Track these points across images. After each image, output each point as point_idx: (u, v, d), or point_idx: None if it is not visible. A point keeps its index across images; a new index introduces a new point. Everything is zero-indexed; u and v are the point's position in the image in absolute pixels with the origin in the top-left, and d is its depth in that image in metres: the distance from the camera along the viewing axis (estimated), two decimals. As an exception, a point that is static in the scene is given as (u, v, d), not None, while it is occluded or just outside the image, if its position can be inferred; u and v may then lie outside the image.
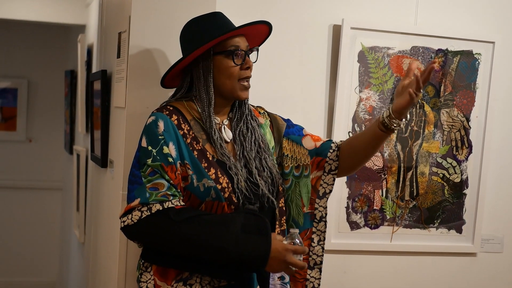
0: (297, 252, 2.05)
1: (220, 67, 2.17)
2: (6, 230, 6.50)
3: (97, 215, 3.31)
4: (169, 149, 2.08)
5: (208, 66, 2.17)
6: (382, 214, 3.03)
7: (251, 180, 2.17)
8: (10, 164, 6.51)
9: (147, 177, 2.06)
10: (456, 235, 3.14)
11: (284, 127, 2.39)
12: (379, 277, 3.09)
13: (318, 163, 2.35)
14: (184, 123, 2.15)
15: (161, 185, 2.05)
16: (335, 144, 2.36)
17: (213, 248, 2.01)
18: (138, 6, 2.48)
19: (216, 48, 2.16)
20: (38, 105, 6.54)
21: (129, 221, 2.05)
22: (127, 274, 2.53)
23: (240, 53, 2.17)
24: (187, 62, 2.20)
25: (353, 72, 2.94)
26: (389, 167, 3.02)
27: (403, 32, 2.98)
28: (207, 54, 2.17)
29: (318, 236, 2.34)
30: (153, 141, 2.09)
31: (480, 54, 3.09)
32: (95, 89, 3.25)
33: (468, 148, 3.11)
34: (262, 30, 2.29)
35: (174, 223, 2.01)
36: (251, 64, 2.21)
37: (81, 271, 4.09)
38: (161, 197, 2.04)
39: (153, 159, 2.07)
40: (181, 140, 2.12)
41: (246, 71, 2.19)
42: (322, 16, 2.92)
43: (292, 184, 2.36)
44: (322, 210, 2.34)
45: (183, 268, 2.10)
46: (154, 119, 2.12)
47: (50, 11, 5.27)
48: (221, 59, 2.17)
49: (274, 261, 2.02)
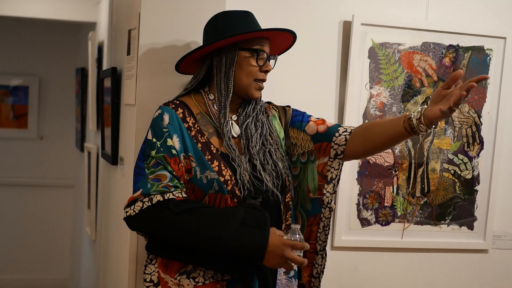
0: (295, 247, 2.04)
1: (242, 63, 2.20)
2: (18, 228, 6.53)
3: (108, 213, 3.32)
4: (173, 141, 2.12)
5: (232, 59, 2.19)
6: (393, 211, 3.02)
7: (254, 174, 2.18)
8: (22, 162, 6.53)
9: (150, 168, 2.10)
10: (467, 232, 3.13)
11: (290, 116, 2.40)
12: (390, 274, 3.09)
13: (324, 148, 2.33)
14: (189, 116, 2.18)
15: (164, 176, 2.09)
16: (344, 128, 2.33)
17: (210, 240, 2.02)
18: (148, 4, 2.49)
19: (243, 44, 2.19)
20: (49, 102, 6.56)
21: (131, 211, 2.09)
22: (137, 271, 2.54)
23: (263, 55, 2.21)
24: (209, 50, 2.22)
25: (364, 68, 2.93)
26: (400, 163, 3.01)
27: (413, 28, 2.97)
28: (233, 47, 2.19)
29: (323, 222, 2.34)
30: (157, 133, 2.13)
31: (492, 50, 3.07)
32: (106, 86, 3.25)
33: (479, 144, 3.10)
34: (287, 39, 2.33)
35: (173, 214, 2.04)
36: (270, 68, 2.24)
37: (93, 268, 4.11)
38: (162, 188, 2.07)
39: (156, 151, 2.11)
40: (186, 132, 2.15)
41: (263, 74, 2.23)
42: (332, 13, 2.92)
43: (300, 171, 2.37)
44: (329, 196, 2.33)
45: (186, 261, 2.12)
46: (160, 113, 2.17)
47: (61, 9, 5.29)
48: (245, 55, 2.20)
49: (271, 255, 2.02)
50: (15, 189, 6.51)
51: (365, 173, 2.97)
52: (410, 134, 2.12)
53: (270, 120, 2.35)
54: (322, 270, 2.36)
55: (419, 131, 2.09)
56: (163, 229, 2.07)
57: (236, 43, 2.19)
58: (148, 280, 2.16)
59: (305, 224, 2.37)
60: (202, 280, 2.12)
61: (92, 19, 4.98)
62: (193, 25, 2.49)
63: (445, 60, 3.01)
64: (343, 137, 2.30)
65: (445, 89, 2.03)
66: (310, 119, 2.38)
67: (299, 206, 2.39)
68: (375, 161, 2.97)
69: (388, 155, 2.99)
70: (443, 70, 3.01)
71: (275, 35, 2.27)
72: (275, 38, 2.28)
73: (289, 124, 2.39)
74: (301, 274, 2.37)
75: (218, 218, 2.05)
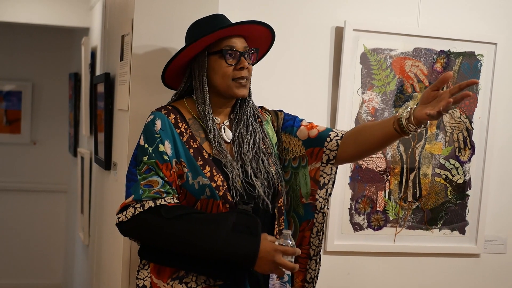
0: (287, 253, 2.05)
1: (214, 66, 2.19)
2: (11, 233, 6.51)
3: (101, 217, 3.32)
4: (165, 147, 2.12)
5: (202, 66, 2.20)
6: (385, 216, 3.03)
7: (246, 180, 2.18)
8: (15, 167, 6.52)
9: (142, 174, 2.10)
10: (459, 236, 3.14)
11: (282, 121, 2.40)
12: (382, 278, 3.09)
13: (317, 154, 2.33)
14: (181, 121, 2.18)
15: (155, 182, 2.09)
16: (335, 132, 2.32)
17: (202, 246, 2.03)
18: (141, 10, 2.49)
19: (211, 48, 2.19)
20: (42, 107, 6.56)
21: (123, 217, 2.09)
22: (130, 276, 2.54)
23: (233, 53, 2.19)
24: (184, 61, 2.23)
25: (356, 73, 2.94)
26: (392, 168, 3.02)
27: (405, 34, 2.98)
28: (202, 55, 2.20)
29: (316, 227, 2.34)
30: (149, 139, 2.13)
31: (483, 55, 3.09)
32: (99, 91, 3.26)
33: (470, 149, 3.12)
34: (261, 32, 2.30)
35: (165, 220, 2.04)
36: (246, 64, 2.20)
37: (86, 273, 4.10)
38: (154, 194, 2.07)
39: (148, 157, 2.11)
40: (178, 138, 2.15)
41: (240, 72, 2.20)
42: (324, 18, 2.93)
43: (292, 176, 2.37)
44: (322, 201, 2.33)
45: (178, 266, 2.12)
46: (152, 118, 2.17)
47: (54, 14, 5.29)
48: (215, 59, 2.19)
49: (262, 261, 2.03)
50: (8, 194, 6.50)
51: (357, 178, 2.98)
52: (400, 134, 2.12)
53: (263, 126, 2.35)
54: (317, 275, 2.36)
55: (409, 131, 2.09)
56: (154, 235, 2.07)
57: (204, 50, 2.19)
58: (141, 286, 2.16)
59: (297, 229, 2.37)
60: (195, 286, 2.12)
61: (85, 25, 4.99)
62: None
63: (437, 65, 3.03)
64: (334, 142, 2.30)
65: (434, 91, 2.03)
66: (302, 124, 2.38)
67: (291, 211, 2.39)
68: (367, 166, 2.98)
69: (380, 160, 3.00)
70: (435, 75, 3.02)
71: (246, 32, 2.24)
72: (249, 34, 2.26)
73: (281, 129, 2.39)
74: (293, 279, 2.38)
75: (210, 224, 2.05)
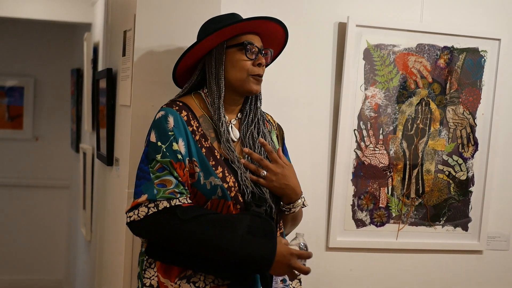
0: (302, 257, 2.05)
1: (233, 60, 2.18)
2: (13, 228, 6.52)
3: (103, 213, 3.32)
4: (179, 145, 2.08)
5: (220, 59, 2.18)
6: (388, 212, 3.02)
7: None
8: (17, 163, 6.53)
9: (155, 173, 2.05)
10: (462, 233, 3.14)
11: (283, 139, 2.44)
12: (385, 274, 3.09)
13: None
14: (193, 119, 2.15)
15: (169, 182, 2.04)
16: None
17: (218, 248, 2.00)
18: (143, 5, 2.49)
19: (230, 41, 2.18)
20: (44, 103, 6.56)
21: (135, 216, 2.04)
22: (133, 272, 2.54)
23: (253, 48, 2.18)
24: (197, 55, 2.21)
25: (359, 69, 2.93)
26: (394, 164, 3.01)
27: (408, 30, 2.97)
28: (221, 47, 2.18)
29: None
30: (162, 136, 2.08)
31: (486, 51, 3.08)
32: (101, 87, 3.25)
33: (474, 145, 3.11)
34: (276, 31, 2.30)
35: (181, 221, 2.00)
36: (263, 61, 2.20)
37: (88, 269, 4.10)
38: (168, 195, 2.03)
39: (162, 155, 2.06)
40: (190, 136, 2.11)
41: (258, 68, 2.19)
42: (327, 14, 2.92)
43: None
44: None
45: (186, 265, 2.09)
46: (164, 114, 2.12)
47: (56, 10, 5.29)
48: (234, 52, 2.18)
49: (278, 264, 2.01)
50: (10, 189, 6.51)
51: (360, 174, 2.98)
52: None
53: (270, 132, 2.35)
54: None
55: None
56: (170, 235, 2.03)
57: (223, 43, 2.18)
58: (148, 285, 2.13)
59: None
60: (203, 285, 2.09)
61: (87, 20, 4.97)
62: (189, 27, 2.49)
63: (440, 61, 3.02)
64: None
65: None
66: None
67: None
68: (370, 162, 2.98)
69: (383, 156, 2.99)
70: (438, 71, 3.02)
71: (263, 29, 2.23)
72: (264, 32, 2.25)
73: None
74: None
75: (226, 226, 2.02)
